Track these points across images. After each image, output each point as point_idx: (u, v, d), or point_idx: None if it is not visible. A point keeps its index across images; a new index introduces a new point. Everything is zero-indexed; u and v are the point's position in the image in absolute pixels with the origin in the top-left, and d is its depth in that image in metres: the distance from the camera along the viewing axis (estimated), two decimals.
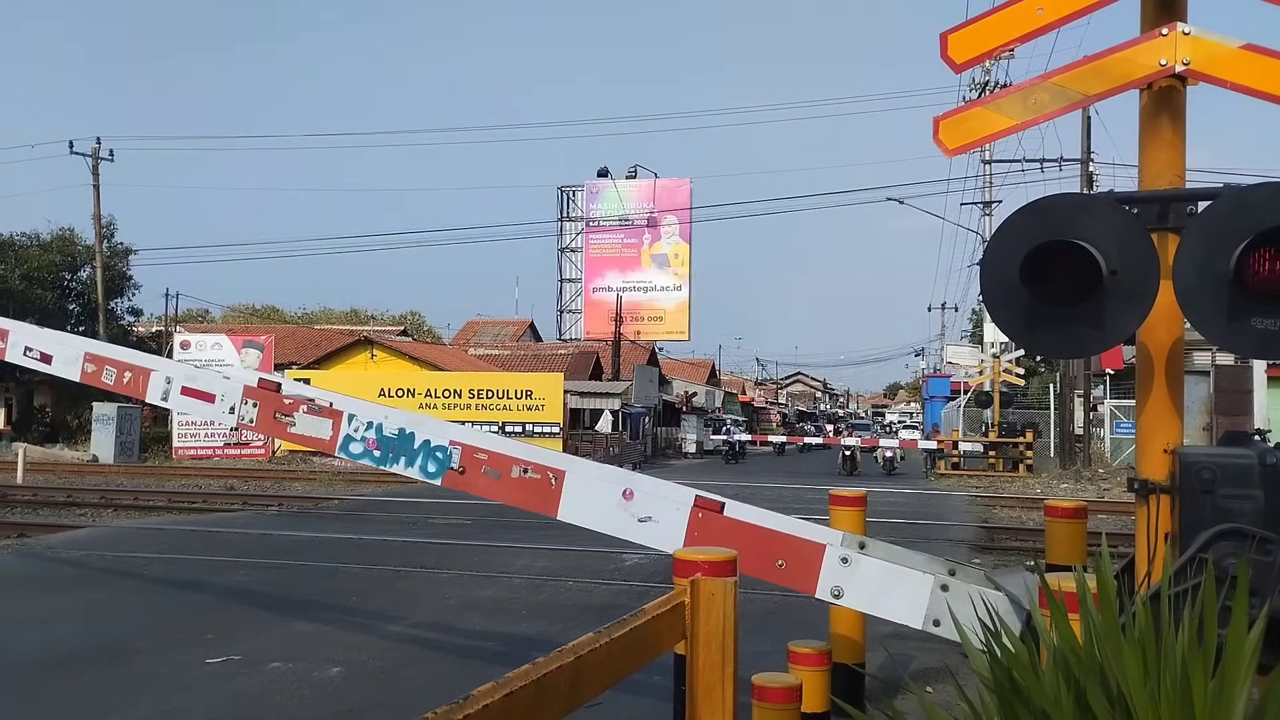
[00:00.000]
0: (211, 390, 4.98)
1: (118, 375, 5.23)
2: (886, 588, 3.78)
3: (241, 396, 4.88)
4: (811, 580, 3.88)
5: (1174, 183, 3.31)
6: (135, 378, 5.16)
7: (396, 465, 4.55)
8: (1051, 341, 3.31)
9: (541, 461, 4.31)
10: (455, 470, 4.39)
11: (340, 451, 4.67)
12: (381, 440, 4.56)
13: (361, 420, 4.61)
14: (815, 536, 3.95)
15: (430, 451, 4.46)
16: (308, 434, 4.71)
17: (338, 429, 4.65)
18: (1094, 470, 25.90)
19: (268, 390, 4.87)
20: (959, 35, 3.59)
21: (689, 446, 44.99)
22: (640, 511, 4.15)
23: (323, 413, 4.67)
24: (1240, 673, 1.91)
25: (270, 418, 4.80)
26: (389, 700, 5.68)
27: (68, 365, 5.38)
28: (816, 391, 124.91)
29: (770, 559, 3.93)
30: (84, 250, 38.63)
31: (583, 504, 4.26)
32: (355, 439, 4.61)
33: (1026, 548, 12.62)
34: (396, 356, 35.87)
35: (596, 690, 2.03)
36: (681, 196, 48.18)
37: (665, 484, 4.33)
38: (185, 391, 5.07)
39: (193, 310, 57.13)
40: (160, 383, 5.09)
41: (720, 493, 4.32)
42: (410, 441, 4.51)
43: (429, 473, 4.46)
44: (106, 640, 7.00)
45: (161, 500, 17.92)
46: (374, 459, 4.58)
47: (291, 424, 4.75)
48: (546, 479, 4.28)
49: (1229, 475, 2.90)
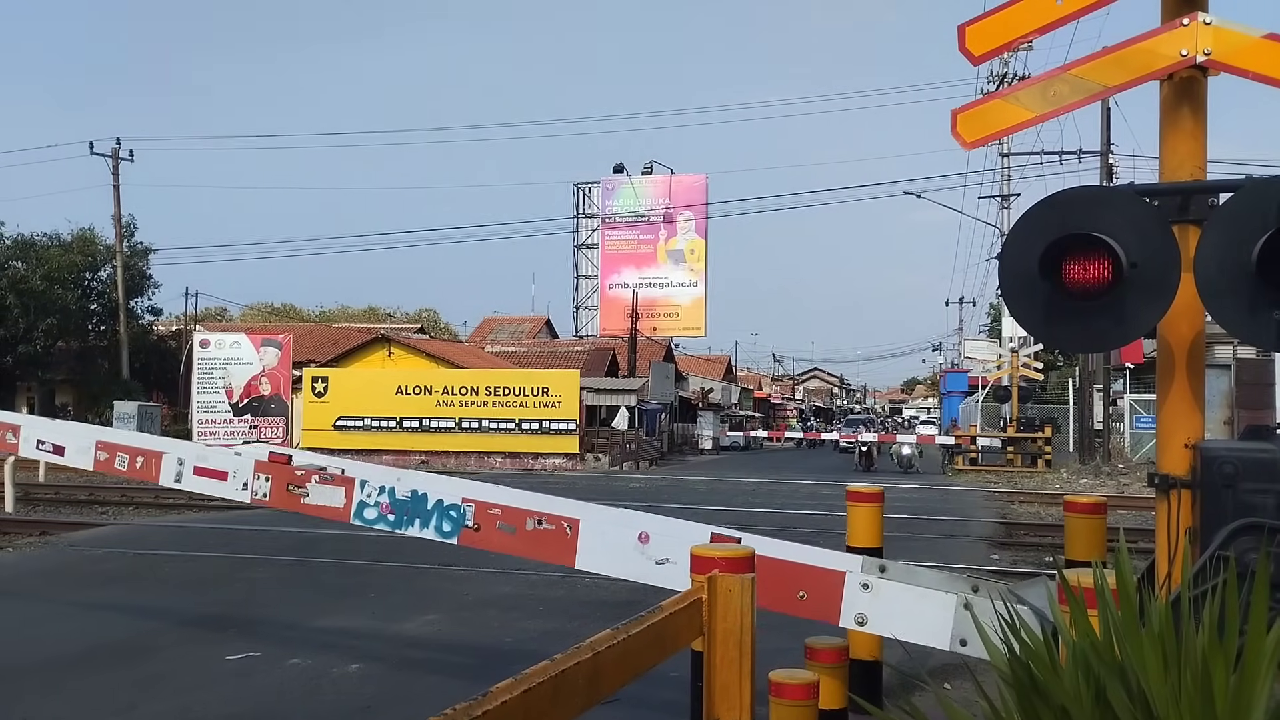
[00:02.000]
0: (224, 468, 5.00)
1: (130, 461, 5.28)
2: (910, 611, 3.72)
3: (254, 472, 4.89)
4: (834, 610, 3.84)
5: (1195, 174, 3.28)
6: (148, 462, 5.20)
7: (411, 528, 4.52)
8: (1071, 335, 3.29)
9: (555, 512, 4.29)
10: (470, 528, 4.37)
11: (355, 519, 4.64)
12: (395, 504, 4.54)
13: (374, 485, 4.59)
14: (834, 564, 3.90)
15: (444, 511, 4.44)
16: (321, 503, 4.70)
17: (351, 496, 4.64)
18: (1113, 465, 25.72)
19: (279, 463, 4.87)
20: (977, 27, 3.57)
21: (705, 443, 44.97)
22: (658, 554, 4.13)
23: (335, 481, 4.67)
24: (1261, 668, 1.89)
25: (283, 491, 4.79)
26: (407, 697, 5.71)
27: (80, 455, 5.44)
28: (833, 387, 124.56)
29: (791, 591, 3.89)
30: (104, 250, 38.93)
31: (600, 551, 4.23)
32: (369, 504, 4.60)
33: (1045, 543, 12.55)
34: (414, 354, 36.00)
35: (614, 687, 2.03)
36: (697, 192, 48.10)
37: (680, 523, 4.31)
38: (198, 471, 5.11)
39: (211, 309, 57.56)
40: (172, 465, 5.13)
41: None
42: (423, 503, 4.49)
43: (444, 533, 4.44)
44: (128, 637, 7.06)
45: (181, 498, 18.03)
46: (389, 523, 4.56)
47: (305, 495, 4.74)
48: (561, 529, 4.26)
49: (1251, 470, 2.87)
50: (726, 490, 20.57)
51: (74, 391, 39.04)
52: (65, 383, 39.49)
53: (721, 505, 17.26)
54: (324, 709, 5.49)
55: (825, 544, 3.93)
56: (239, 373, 32.06)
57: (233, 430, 31.70)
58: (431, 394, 30.85)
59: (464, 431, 30.48)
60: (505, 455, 30.26)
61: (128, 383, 36.23)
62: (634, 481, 24.44)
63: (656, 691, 5.00)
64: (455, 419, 30.57)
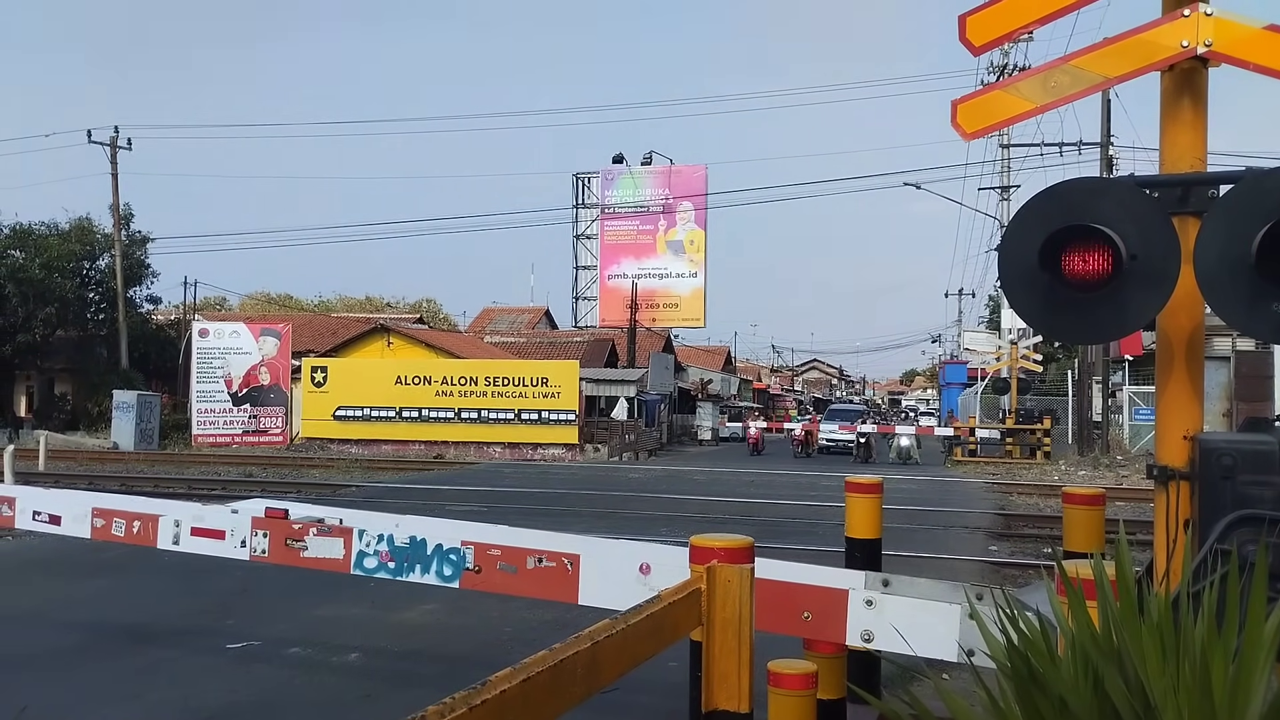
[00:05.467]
0: (220, 527, 4.98)
1: (127, 526, 5.27)
2: (915, 625, 3.69)
3: (251, 529, 4.87)
4: (840, 629, 3.82)
5: (1195, 166, 3.27)
6: (145, 525, 5.19)
7: (412, 574, 4.51)
8: (1070, 327, 3.28)
9: (555, 549, 4.28)
10: (471, 570, 4.38)
11: (355, 568, 4.64)
12: (394, 551, 4.54)
13: (372, 534, 4.59)
14: (837, 582, 3.87)
15: (444, 555, 4.44)
16: (320, 555, 4.68)
17: (350, 547, 4.63)
18: (1112, 457, 25.75)
19: (276, 518, 4.85)
20: (978, 17, 3.56)
21: (704, 434, 44.99)
22: (660, 584, 4.12)
23: (333, 532, 4.66)
24: (1260, 660, 1.90)
25: (282, 545, 4.76)
26: (407, 685, 5.73)
27: (77, 523, 5.43)
28: (832, 379, 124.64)
29: (795, 612, 3.86)
30: (102, 239, 38.89)
31: (602, 585, 4.21)
32: (368, 554, 4.59)
33: (1044, 535, 12.58)
34: (412, 344, 36.00)
35: (613, 676, 2.03)
36: (697, 182, 48.04)
37: (681, 552, 4.31)
38: (195, 532, 5.09)
39: (210, 298, 57.51)
40: (170, 527, 5.13)
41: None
42: (423, 548, 4.49)
43: (445, 577, 4.44)
44: (128, 626, 7.08)
45: (181, 488, 18.07)
46: (389, 571, 4.55)
47: (304, 548, 4.72)
48: (563, 566, 4.25)
49: (1249, 461, 2.87)
50: (727, 481, 20.62)
51: (73, 380, 39.03)
52: (64, 371, 39.47)
53: (721, 496, 17.29)
54: (325, 697, 5.51)
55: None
56: (238, 362, 32.06)
57: (232, 420, 31.74)
58: (431, 384, 30.86)
59: (463, 422, 30.51)
60: (504, 445, 30.29)
61: (127, 372, 36.23)
62: (633, 472, 24.46)
63: (656, 680, 5.02)
64: (455, 409, 30.58)
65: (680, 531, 10.83)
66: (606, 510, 14.76)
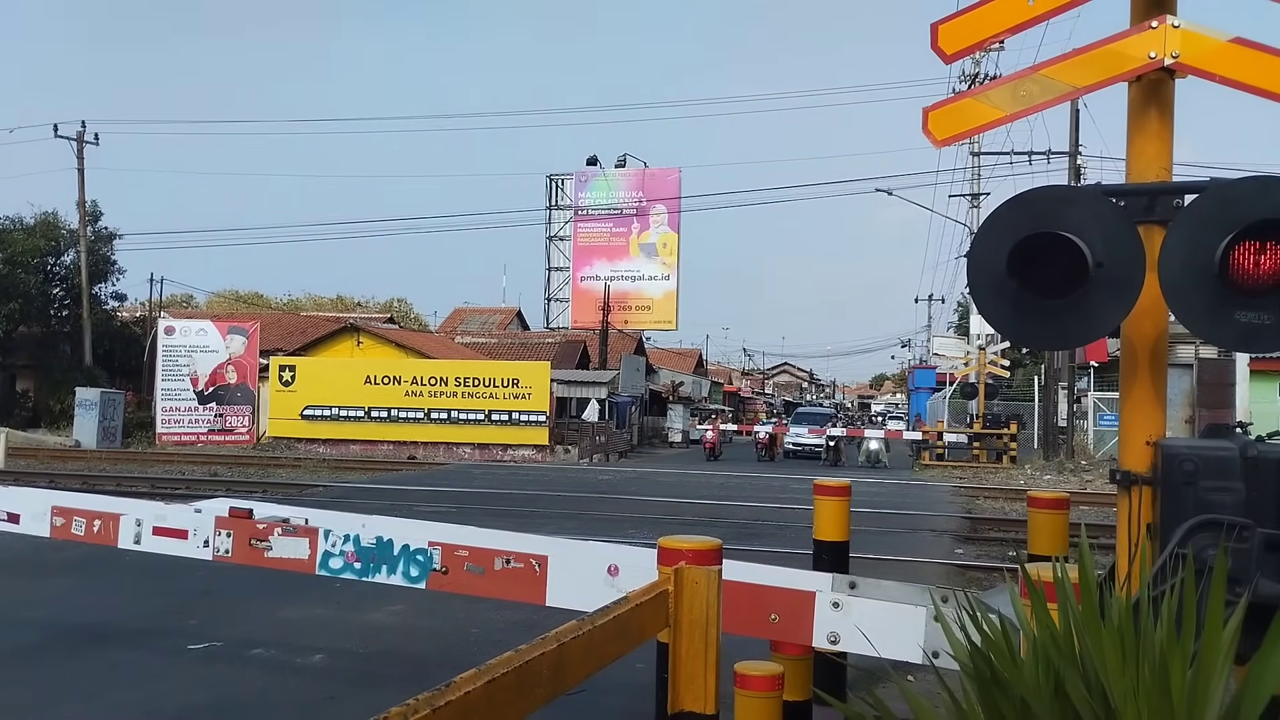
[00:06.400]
0: (183, 526, 4.92)
1: (87, 525, 5.18)
2: (881, 627, 3.71)
3: (214, 528, 4.81)
4: (807, 630, 3.84)
5: (1161, 176, 3.31)
6: (105, 524, 5.11)
7: (379, 575, 4.48)
8: (1037, 333, 3.31)
9: (523, 550, 4.27)
10: (438, 571, 4.36)
11: (320, 569, 4.60)
12: (360, 552, 4.50)
13: (338, 534, 4.55)
14: (805, 585, 3.90)
15: (411, 556, 4.41)
16: (285, 555, 4.63)
17: (315, 547, 4.59)
18: (1077, 462, 26.05)
19: (240, 518, 4.79)
20: (949, 26, 3.58)
21: (675, 436, 45.02)
22: (628, 586, 4.12)
23: (298, 532, 4.62)
24: (1217, 663, 1.92)
25: (246, 545, 4.71)
26: (372, 686, 5.68)
27: (36, 522, 5.33)
28: (803, 382, 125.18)
29: (763, 614, 3.87)
30: (68, 234, 38.31)
31: (570, 587, 4.21)
32: (334, 554, 4.55)
33: (1009, 538, 12.70)
34: (383, 344, 35.76)
35: (579, 678, 2.03)
36: (671, 185, 48.11)
37: (649, 554, 4.31)
38: (157, 531, 5.02)
39: (177, 295, 56.74)
40: (131, 526, 5.05)
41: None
42: (389, 549, 4.46)
43: (412, 578, 4.41)
44: (88, 626, 6.97)
45: (144, 486, 17.83)
46: (355, 572, 4.52)
47: (268, 548, 4.67)
48: (530, 567, 4.24)
49: (1210, 467, 2.91)
50: (697, 483, 20.63)
51: (35, 377, 38.37)
52: (26, 368, 38.80)
53: (691, 498, 17.30)
54: (287, 699, 5.46)
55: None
56: (204, 360, 31.69)
57: (197, 419, 31.36)
58: (401, 384, 30.67)
59: (433, 422, 30.34)
60: (474, 446, 30.16)
61: (91, 369, 35.70)
62: (603, 474, 24.43)
63: (623, 682, 5.01)
64: (424, 409, 30.41)
65: (649, 533, 10.84)
66: (575, 511, 14.73)
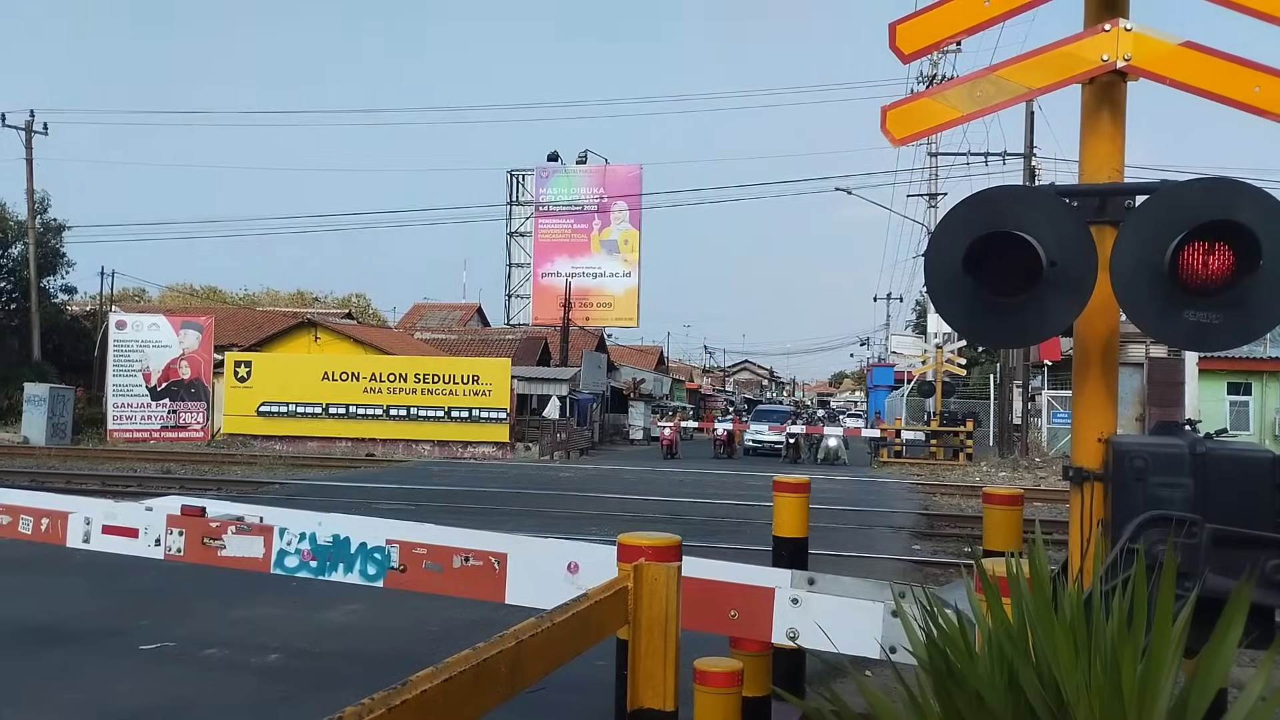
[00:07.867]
0: (134, 525, 4.81)
1: (35, 523, 5.05)
2: (840, 623, 3.74)
3: (166, 527, 4.71)
4: (766, 627, 3.86)
5: (1113, 177, 3.37)
6: (53, 523, 4.98)
7: (335, 573, 4.42)
8: (993, 331, 3.36)
9: (482, 547, 4.24)
10: (396, 569, 4.31)
11: (275, 568, 4.53)
12: (316, 550, 4.44)
13: (294, 532, 4.49)
14: (764, 581, 3.91)
15: (368, 554, 4.36)
16: (240, 554, 4.55)
17: (270, 545, 4.52)
18: (1031, 459, 26.46)
19: (192, 516, 4.69)
20: (907, 26, 3.62)
21: (636, 433, 45.03)
22: (589, 583, 4.11)
23: (253, 530, 4.54)
24: (1167, 657, 1.96)
25: (198, 544, 4.62)
26: (328, 686, 5.62)
27: None
28: (763, 380, 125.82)
29: (722, 610, 3.88)
30: (15, 226, 37.43)
31: (529, 584, 4.19)
32: (289, 553, 4.49)
33: (965, 534, 12.86)
34: (341, 339, 35.36)
35: (538, 675, 2.02)
36: (632, 182, 48.07)
37: (609, 550, 4.30)
38: (107, 530, 4.90)
39: (129, 289, 55.66)
40: (80, 525, 4.93)
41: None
42: (346, 547, 4.40)
43: (369, 576, 4.36)
44: (36, 625, 6.83)
45: (95, 484, 17.50)
46: (311, 570, 4.46)
47: (221, 547, 4.59)
48: (489, 565, 4.21)
49: (1160, 464, 2.96)
50: (658, 480, 20.66)
51: None
52: None
53: (652, 495, 17.32)
54: (242, 699, 5.38)
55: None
56: (157, 355, 31.16)
57: (150, 415, 30.83)
58: (359, 380, 30.36)
59: (392, 419, 30.08)
60: (434, 443, 29.95)
61: (40, 364, 34.94)
62: (564, 471, 24.39)
63: (583, 679, 5.00)
64: (383, 406, 30.14)
65: (609, 530, 10.83)
66: (536, 509, 14.68)
